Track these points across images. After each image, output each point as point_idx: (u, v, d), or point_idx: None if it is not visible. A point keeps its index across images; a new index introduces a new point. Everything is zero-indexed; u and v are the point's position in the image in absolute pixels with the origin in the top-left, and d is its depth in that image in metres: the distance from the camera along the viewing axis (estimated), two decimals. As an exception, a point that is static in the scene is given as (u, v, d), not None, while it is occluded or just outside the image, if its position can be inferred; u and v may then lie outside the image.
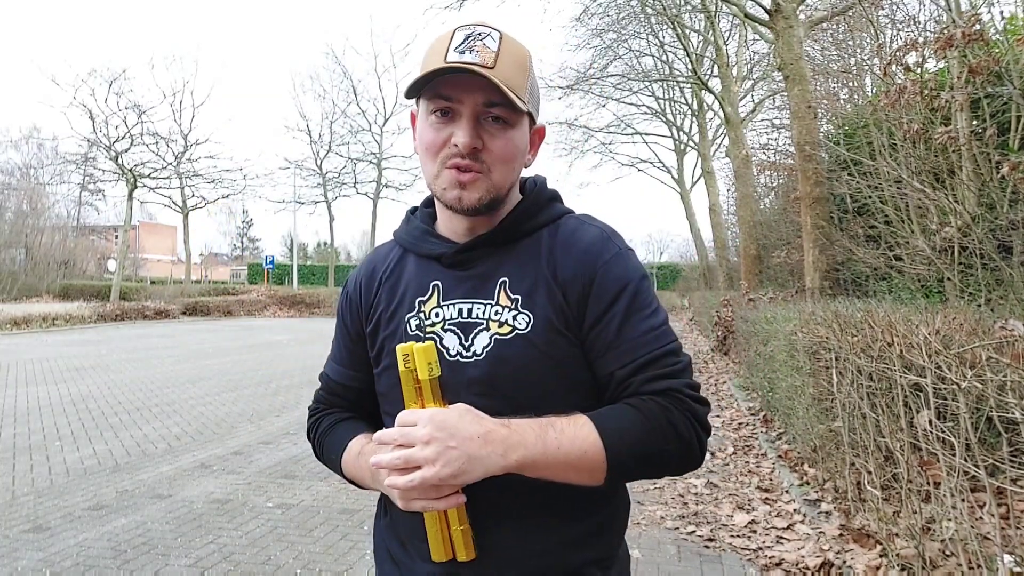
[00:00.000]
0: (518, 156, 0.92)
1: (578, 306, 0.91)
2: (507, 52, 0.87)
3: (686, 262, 32.90)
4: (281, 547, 3.30)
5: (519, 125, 0.91)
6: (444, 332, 0.92)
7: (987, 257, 4.32)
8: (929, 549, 2.40)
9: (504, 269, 0.93)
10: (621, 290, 0.90)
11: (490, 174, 0.89)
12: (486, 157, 0.89)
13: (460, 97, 0.87)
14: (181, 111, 33.01)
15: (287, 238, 56.66)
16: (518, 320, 0.90)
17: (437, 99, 0.88)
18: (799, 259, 8.08)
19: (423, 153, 0.92)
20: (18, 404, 6.96)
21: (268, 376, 9.12)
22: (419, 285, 0.97)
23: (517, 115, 0.89)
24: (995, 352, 2.07)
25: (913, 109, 4.67)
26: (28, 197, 36.12)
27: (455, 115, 0.88)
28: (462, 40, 0.87)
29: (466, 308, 0.93)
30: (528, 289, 0.92)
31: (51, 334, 16.03)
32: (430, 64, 0.87)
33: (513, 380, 0.89)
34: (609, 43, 18.31)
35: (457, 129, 0.88)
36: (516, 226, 0.96)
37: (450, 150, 0.88)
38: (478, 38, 0.87)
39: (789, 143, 9.66)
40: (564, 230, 0.97)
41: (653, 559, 3.13)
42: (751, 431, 5.58)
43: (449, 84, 0.87)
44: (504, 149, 0.89)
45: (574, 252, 0.93)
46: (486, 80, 0.84)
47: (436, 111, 0.89)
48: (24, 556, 3.18)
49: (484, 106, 0.87)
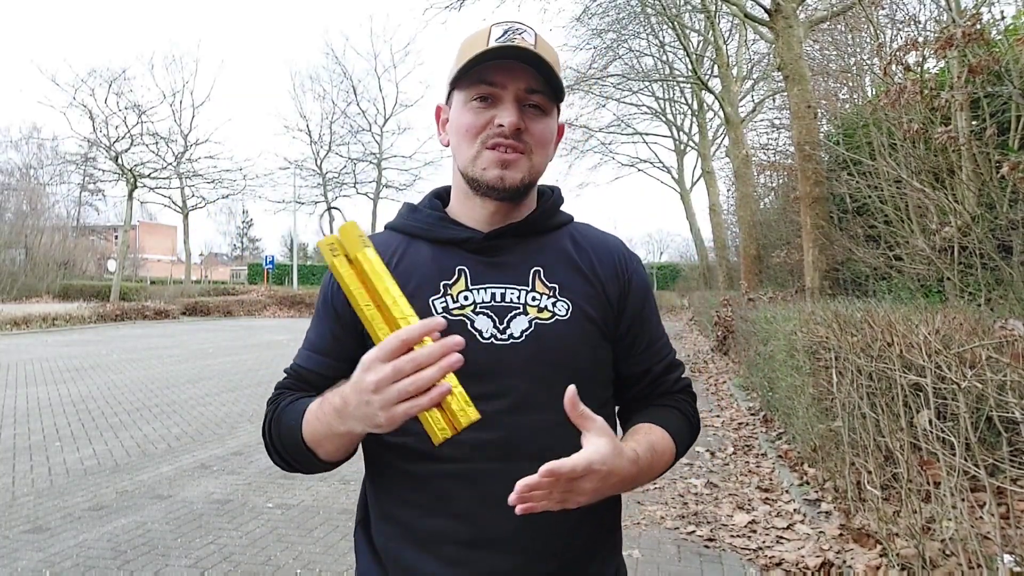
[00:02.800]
0: (550, 143, 0.95)
1: (618, 305, 0.97)
2: (544, 48, 0.90)
3: (686, 262, 32.90)
4: (281, 547, 3.30)
5: (553, 115, 0.94)
6: (475, 315, 0.91)
7: (987, 257, 4.32)
8: (929, 549, 2.40)
9: (536, 258, 0.95)
10: (647, 295, 1.02)
11: (531, 155, 0.91)
12: (528, 139, 0.90)
13: (504, 82, 0.89)
14: (181, 111, 32.93)
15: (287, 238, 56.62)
16: (558, 307, 0.92)
17: (480, 85, 0.90)
18: (799, 259, 8.08)
19: (461, 136, 0.92)
20: (18, 404, 6.96)
21: (268, 376, 9.12)
22: (442, 269, 0.94)
23: (552, 105, 0.92)
24: (995, 352, 2.07)
25: (913, 109, 4.67)
26: (28, 197, 36.11)
27: (496, 100, 0.90)
28: (501, 33, 0.89)
29: (499, 292, 0.92)
30: (564, 279, 0.95)
31: (51, 334, 16.03)
32: (469, 56, 0.89)
33: (553, 364, 0.90)
34: (609, 43, 18.30)
35: (501, 111, 0.89)
36: (544, 220, 0.99)
37: (493, 130, 0.89)
38: (516, 32, 0.89)
39: (789, 143, 9.67)
40: (585, 231, 1.03)
41: (653, 559, 3.13)
42: (751, 431, 5.58)
43: (493, 70, 0.89)
44: (543, 133, 0.92)
45: (608, 254, 1.00)
46: (528, 69, 0.88)
47: (477, 97, 0.90)
48: (24, 556, 3.18)
49: (526, 92, 0.89)
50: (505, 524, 0.85)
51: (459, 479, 0.87)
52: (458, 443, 0.79)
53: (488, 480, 0.86)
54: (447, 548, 0.86)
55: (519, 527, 0.85)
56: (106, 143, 25.59)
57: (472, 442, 0.85)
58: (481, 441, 0.86)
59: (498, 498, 0.79)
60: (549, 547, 0.89)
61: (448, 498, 0.87)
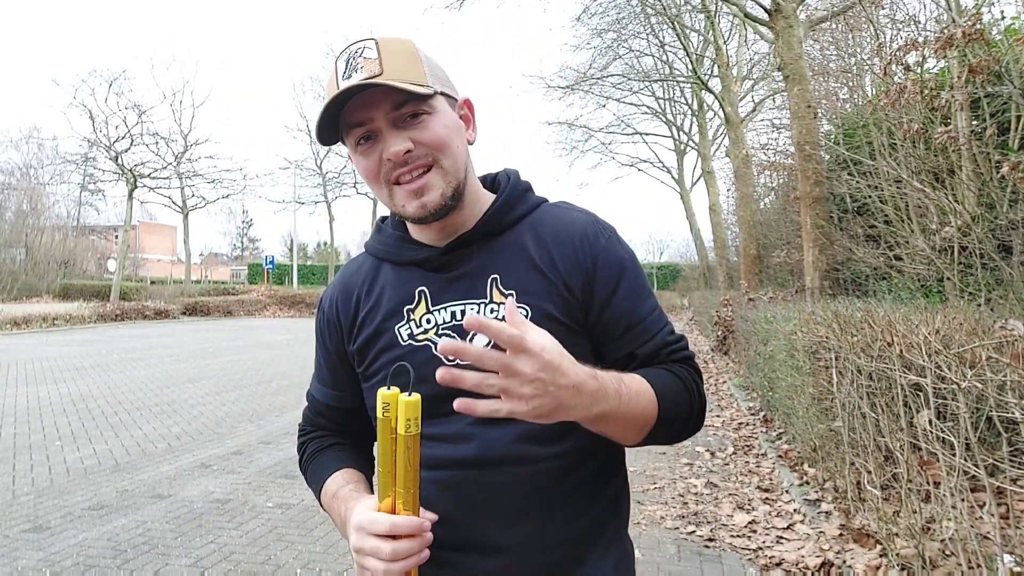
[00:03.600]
0: (454, 136, 0.90)
1: (582, 294, 0.91)
2: (388, 53, 0.86)
3: (686, 262, 32.91)
4: (281, 547, 3.30)
5: (439, 110, 0.89)
6: (439, 337, 0.91)
7: (987, 257, 4.32)
8: (929, 549, 2.40)
9: (493, 266, 0.92)
10: (622, 273, 0.94)
11: (439, 162, 0.88)
12: (422, 152, 0.87)
13: (370, 115, 0.86)
14: (181, 111, 33.09)
15: (287, 238, 56.69)
16: None
17: (353, 129, 0.88)
18: (799, 259, 8.08)
19: (371, 185, 0.92)
20: (18, 404, 6.96)
21: (268, 376, 9.13)
22: (403, 293, 0.95)
23: (430, 102, 0.87)
24: (995, 352, 2.07)
25: (913, 109, 4.67)
26: (28, 197, 36.14)
27: (375, 136, 0.87)
28: (344, 67, 0.86)
29: (459, 310, 0.91)
30: (522, 282, 0.91)
31: (51, 334, 16.03)
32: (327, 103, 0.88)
33: None
34: (609, 43, 18.31)
35: (383, 144, 0.87)
36: (498, 220, 0.95)
37: (387, 165, 0.87)
38: (357, 55, 0.86)
39: (789, 143, 9.66)
40: (549, 219, 0.96)
41: (653, 559, 3.13)
42: (751, 431, 5.58)
43: (354, 110, 0.86)
44: (436, 134, 0.88)
45: (569, 241, 0.93)
46: (382, 88, 0.84)
47: (359, 140, 0.88)
48: (24, 556, 3.18)
49: (395, 110, 0.86)
50: (490, 528, 0.89)
51: (442, 486, 0.91)
52: (437, 456, 0.89)
53: (469, 487, 0.89)
54: (436, 552, 0.87)
55: (504, 530, 0.89)
56: (106, 143, 25.65)
57: (448, 454, 0.90)
58: (456, 454, 0.90)
59: (480, 504, 0.89)
60: (537, 548, 0.90)
61: (434, 504, 0.88)
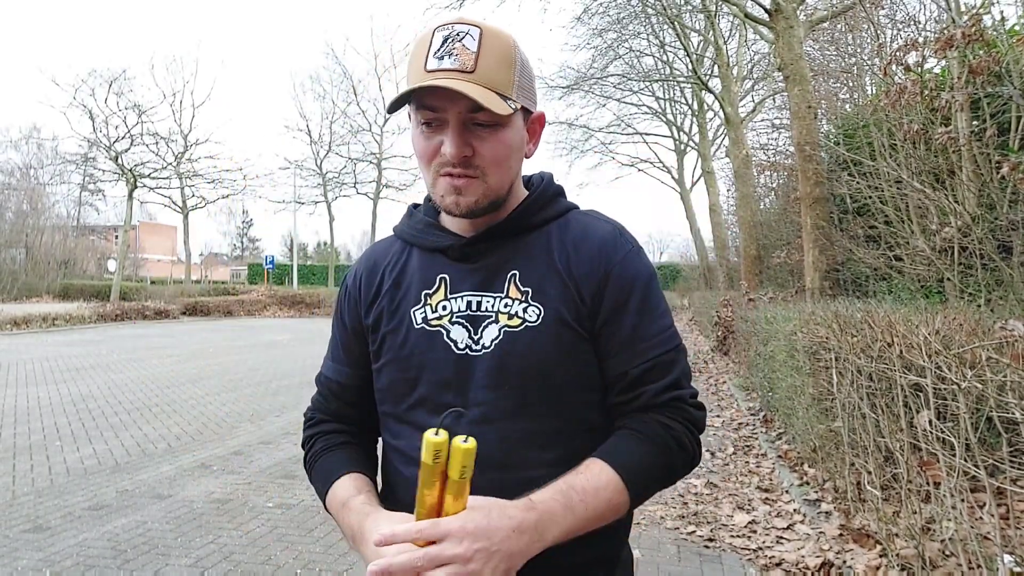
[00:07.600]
0: (512, 155, 0.90)
1: (592, 301, 0.91)
2: (488, 49, 0.84)
3: (686, 262, 32.84)
4: (281, 547, 3.30)
5: (511, 123, 0.88)
6: (452, 325, 0.92)
7: (987, 257, 4.32)
8: (929, 549, 2.40)
9: (514, 262, 0.93)
10: (634, 288, 0.92)
11: (485, 178, 0.88)
12: (479, 162, 0.87)
13: (444, 106, 0.85)
14: (181, 111, 32.98)
15: (287, 238, 56.68)
16: (528, 312, 0.90)
17: (422, 110, 0.87)
18: (799, 259, 8.08)
19: (419, 162, 0.92)
20: (18, 404, 6.96)
21: (268, 376, 9.13)
22: (424, 278, 0.96)
23: (505, 115, 0.85)
24: (995, 352, 2.07)
25: (913, 109, 4.67)
26: (28, 197, 36.11)
27: (442, 124, 0.86)
28: (440, 44, 0.84)
29: (475, 301, 0.92)
30: (539, 282, 0.91)
31: (51, 334, 16.03)
32: (412, 72, 0.86)
33: (521, 372, 0.89)
34: (609, 43, 18.31)
35: (445, 138, 0.86)
36: (524, 219, 0.95)
37: (441, 159, 0.87)
38: (456, 39, 0.84)
39: (789, 143, 9.67)
40: (575, 225, 0.97)
41: (653, 559, 3.13)
42: (751, 431, 5.58)
43: (431, 95, 0.85)
44: (495, 152, 0.87)
45: (588, 248, 0.93)
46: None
47: (423, 122, 0.88)
48: (24, 556, 3.18)
49: (469, 112, 0.85)
50: None
51: None
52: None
53: None
54: None
55: None
56: (106, 143, 25.65)
57: None
58: None
59: None
60: None
61: None
